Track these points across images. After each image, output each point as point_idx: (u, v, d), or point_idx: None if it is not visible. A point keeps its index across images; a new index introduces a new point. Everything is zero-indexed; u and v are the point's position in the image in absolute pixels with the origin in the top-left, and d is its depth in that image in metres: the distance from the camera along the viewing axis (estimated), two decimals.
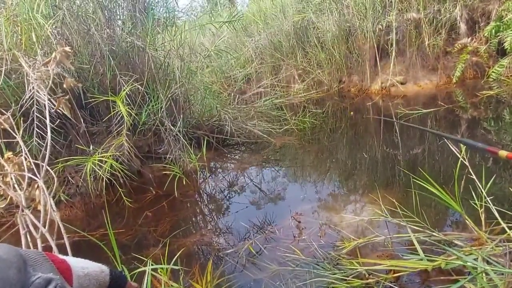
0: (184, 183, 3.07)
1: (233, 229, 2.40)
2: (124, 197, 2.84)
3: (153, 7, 3.74)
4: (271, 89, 5.37)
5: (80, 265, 0.72)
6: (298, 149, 3.96)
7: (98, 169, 2.79)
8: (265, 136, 4.06)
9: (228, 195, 3.02)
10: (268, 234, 2.22)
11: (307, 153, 3.87)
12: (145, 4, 3.59)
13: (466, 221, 1.71)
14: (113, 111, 3.04)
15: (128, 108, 2.98)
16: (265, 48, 6.81)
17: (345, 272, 1.65)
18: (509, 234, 1.49)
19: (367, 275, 1.61)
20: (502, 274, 1.27)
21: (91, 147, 3.00)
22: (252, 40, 6.85)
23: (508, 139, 3.23)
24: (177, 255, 1.83)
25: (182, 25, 4.12)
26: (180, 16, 4.10)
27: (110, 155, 2.85)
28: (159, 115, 3.34)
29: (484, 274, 1.29)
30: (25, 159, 1.73)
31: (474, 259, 1.36)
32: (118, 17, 3.57)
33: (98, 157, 2.81)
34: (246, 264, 1.96)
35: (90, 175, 2.77)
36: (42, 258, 0.56)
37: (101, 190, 2.91)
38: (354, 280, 1.59)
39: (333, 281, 1.62)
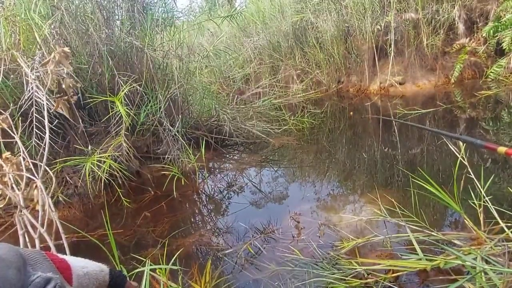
0: (183, 183, 3.06)
1: (232, 229, 2.40)
2: (122, 198, 2.83)
3: (152, 7, 3.74)
4: (269, 90, 5.37)
5: (79, 264, 0.71)
6: (297, 149, 3.96)
7: (97, 170, 2.78)
8: (264, 136, 4.05)
9: (227, 195, 3.02)
10: (267, 234, 2.22)
11: (305, 153, 3.87)
12: (144, 4, 3.59)
13: (465, 220, 1.71)
14: (111, 111, 3.03)
15: (127, 108, 2.97)
16: (263, 49, 6.81)
17: (344, 272, 1.65)
18: (508, 234, 1.50)
19: (366, 275, 1.60)
20: (501, 273, 1.27)
21: (89, 147, 2.99)
22: (250, 40, 6.85)
23: (506, 139, 3.23)
24: (176, 255, 1.83)
25: (180, 25, 4.11)
26: (179, 17, 4.09)
27: (108, 156, 2.84)
28: (158, 115, 3.34)
29: (483, 274, 1.29)
30: (24, 159, 1.72)
31: (473, 259, 1.36)
32: (117, 17, 3.57)
33: (97, 157, 2.81)
34: (245, 264, 1.95)
35: (88, 176, 2.76)
36: (41, 257, 0.56)
37: (100, 190, 2.91)
38: (353, 280, 1.59)
39: (332, 281, 1.62)
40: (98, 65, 3.25)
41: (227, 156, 4.04)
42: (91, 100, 2.99)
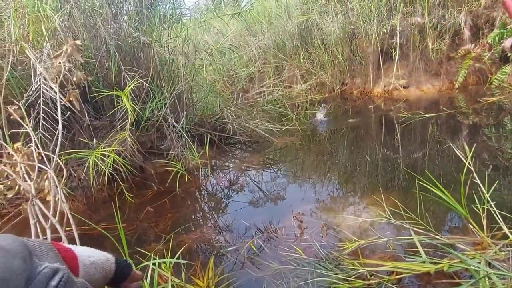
0: (186, 180, 3.07)
1: (234, 227, 2.41)
2: (125, 192, 2.84)
3: (160, 3, 3.74)
4: (273, 89, 5.37)
5: (86, 253, 0.71)
6: (300, 150, 3.97)
7: (101, 163, 2.79)
8: (267, 135, 4.06)
9: (230, 193, 3.03)
10: (270, 233, 2.23)
11: (308, 153, 3.88)
12: (152, 0, 3.59)
13: (469, 225, 1.72)
14: (117, 106, 3.04)
15: (132, 103, 2.98)
16: (268, 48, 6.81)
17: (347, 273, 1.66)
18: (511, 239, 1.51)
19: (369, 276, 1.62)
20: (505, 278, 1.28)
21: (94, 141, 3.00)
22: (255, 39, 6.85)
23: (508, 146, 3.24)
24: (180, 252, 1.84)
25: (187, 22, 4.11)
26: (186, 13, 4.10)
27: (113, 150, 2.85)
28: (163, 112, 3.35)
29: (486, 278, 1.30)
30: (35, 149, 1.73)
31: (477, 263, 1.37)
32: (125, 12, 3.57)
33: (101, 151, 2.82)
34: (247, 262, 1.96)
35: (92, 169, 2.77)
36: (47, 247, 0.56)
37: (103, 184, 2.91)
38: (356, 280, 1.60)
39: (335, 281, 1.63)
40: (105, 60, 3.25)
41: (230, 154, 4.05)
42: (98, 94, 3.00)
